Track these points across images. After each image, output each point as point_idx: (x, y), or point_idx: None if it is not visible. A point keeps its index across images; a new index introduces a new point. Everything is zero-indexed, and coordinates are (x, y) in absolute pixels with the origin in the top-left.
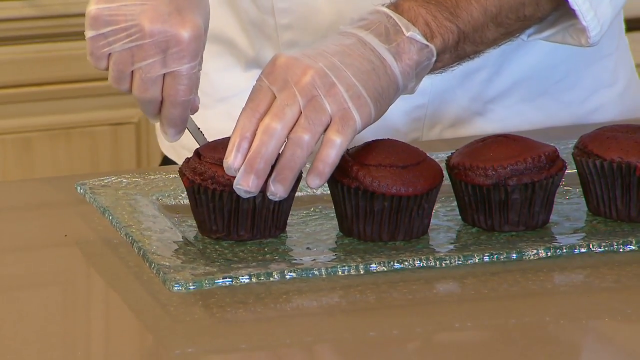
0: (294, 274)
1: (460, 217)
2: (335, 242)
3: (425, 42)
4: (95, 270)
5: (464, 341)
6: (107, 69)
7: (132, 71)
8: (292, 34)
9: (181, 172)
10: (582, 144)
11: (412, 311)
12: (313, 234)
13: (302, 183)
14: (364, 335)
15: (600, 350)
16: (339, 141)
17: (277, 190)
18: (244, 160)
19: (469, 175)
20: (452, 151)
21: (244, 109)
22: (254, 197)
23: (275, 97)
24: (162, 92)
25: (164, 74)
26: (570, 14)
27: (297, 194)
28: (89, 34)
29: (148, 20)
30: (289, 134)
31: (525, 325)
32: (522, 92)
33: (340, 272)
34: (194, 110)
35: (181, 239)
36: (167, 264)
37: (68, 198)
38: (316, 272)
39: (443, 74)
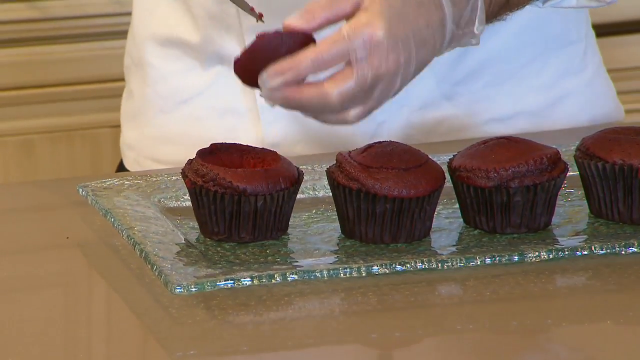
0: (295, 276)
1: (462, 219)
2: (337, 244)
3: (477, 38)
4: (96, 273)
5: (466, 343)
6: None
7: None
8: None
9: (183, 174)
10: (584, 146)
11: (413, 313)
12: (315, 235)
13: (303, 185)
14: (365, 338)
15: (603, 353)
16: (331, 91)
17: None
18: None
19: (470, 177)
20: (454, 153)
21: (314, 49)
22: (255, 199)
23: (349, 57)
24: None
25: None
26: None
27: (299, 196)
28: None
29: None
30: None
31: (526, 328)
32: (489, 75)
33: (342, 274)
34: None
35: (183, 241)
36: (169, 266)
37: (70, 200)
38: (318, 274)
39: None
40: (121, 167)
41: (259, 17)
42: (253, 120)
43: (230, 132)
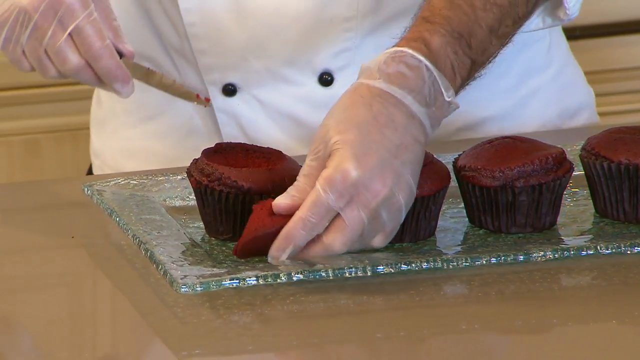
0: (301, 276)
1: (467, 218)
2: None
3: (455, 101)
4: (102, 272)
5: (471, 343)
6: (31, 68)
7: (47, 53)
8: (209, 59)
9: (189, 173)
10: (589, 145)
11: (419, 313)
12: None
13: None
14: (371, 337)
15: (608, 353)
16: (379, 245)
17: (280, 255)
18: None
19: (476, 177)
20: (459, 153)
21: (300, 218)
22: (261, 198)
23: (338, 213)
24: (81, 55)
25: (71, 37)
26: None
27: None
28: None
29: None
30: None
31: (532, 327)
32: None
33: (347, 274)
34: (130, 54)
35: (188, 241)
36: (174, 265)
37: (75, 199)
38: (323, 274)
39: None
40: (90, 172)
41: (206, 102)
42: (215, 140)
43: (193, 152)
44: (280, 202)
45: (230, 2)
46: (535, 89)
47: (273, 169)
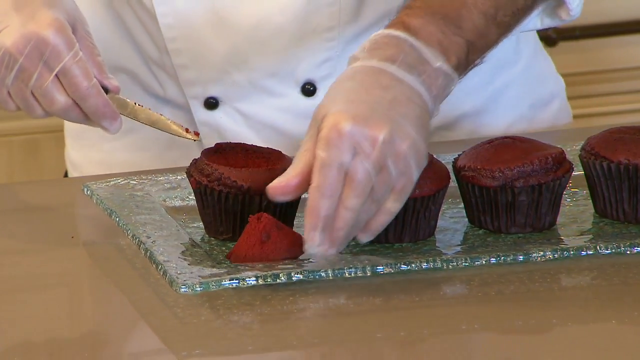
0: (300, 276)
1: (467, 218)
2: None
3: (450, 71)
4: (101, 272)
5: (471, 343)
6: (17, 108)
7: (33, 94)
8: (190, 73)
9: (188, 174)
10: (589, 145)
11: (418, 313)
12: None
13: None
14: (370, 337)
15: (608, 353)
16: (395, 210)
17: (320, 247)
18: (321, 233)
19: (475, 177)
20: (459, 153)
21: (315, 187)
22: (260, 199)
23: (345, 171)
24: (69, 95)
25: (58, 78)
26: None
27: (303, 195)
28: None
29: (8, 39)
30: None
31: (531, 327)
32: None
33: (347, 274)
34: (115, 89)
35: (188, 241)
36: (174, 265)
37: (75, 200)
38: (323, 274)
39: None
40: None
41: (196, 136)
42: (196, 153)
43: (175, 164)
44: (274, 184)
45: (211, 17)
46: (506, 83)
47: (273, 169)
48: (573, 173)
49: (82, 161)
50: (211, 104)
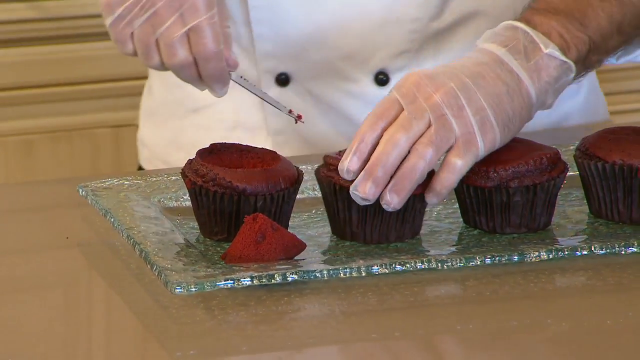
0: (295, 276)
1: (461, 219)
2: (337, 244)
3: (564, 58)
4: (96, 273)
5: (466, 343)
6: (134, 52)
7: (157, 42)
8: (267, 45)
9: (183, 174)
10: (583, 146)
11: (413, 313)
12: (315, 236)
13: (303, 185)
14: (365, 337)
15: (602, 352)
16: (460, 165)
17: (392, 200)
18: (361, 165)
19: (470, 177)
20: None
21: (368, 116)
22: (255, 199)
23: (403, 109)
24: (191, 53)
25: (188, 34)
26: None
27: (299, 196)
28: (107, 21)
29: None
30: (412, 146)
31: (526, 328)
32: None
33: (342, 274)
34: (233, 65)
35: (183, 241)
36: (169, 266)
37: (70, 200)
38: (318, 274)
39: None
40: (140, 167)
41: (298, 118)
42: (262, 137)
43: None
44: (350, 164)
45: None
46: (567, 114)
47: (267, 170)
48: (568, 173)
49: (153, 139)
50: (282, 80)
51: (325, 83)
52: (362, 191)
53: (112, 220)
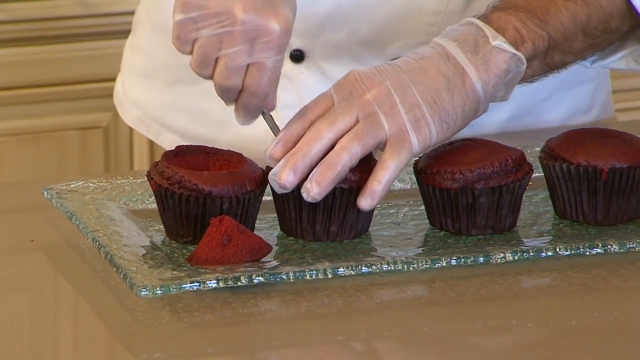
0: (261, 278)
1: (427, 220)
2: (303, 246)
3: (512, 50)
4: (62, 276)
5: (432, 344)
6: (190, 53)
7: (217, 57)
8: None
9: (149, 176)
10: (548, 147)
11: (380, 315)
12: (281, 237)
13: (268, 188)
14: (332, 339)
15: (567, 353)
16: (394, 164)
17: (312, 189)
18: (284, 153)
19: (436, 178)
20: (420, 155)
21: (300, 109)
22: (221, 202)
23: (334, 105)
24: (243, 81)
25: (248, 64)
26: (636, 38)
27: (265, 198)
28: (177, 17)
29: (241, 8)
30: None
31: (492, 329)
32: (510, 108)
33: (308, 277)
34: (271, 107)
35: (148, 244)
36: (134, 268)
37: (35, 203)
38: (284, 276)
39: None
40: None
41: None
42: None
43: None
44: (272, 150)
45: None
46: (573, 111)
47: (233, 172)
48: (533, 175)
49: (147, 99)
50: (296, 56)
51: (339, 65)
52: (280, 178)
53: (77, 222)
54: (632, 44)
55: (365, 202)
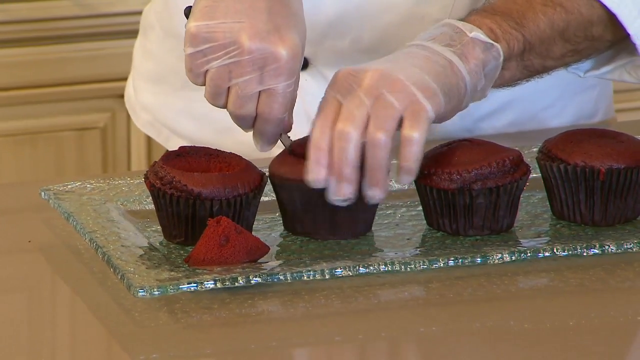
0: (259, 279)
1: (425, 221)
2: (301, 247)
3: (489, 40)
4: (59, 276)
5: (429, 345)
6: (204, 84)
7: (229, 87)
8: None
9: (146, 176)
10: (546, 148)
11: (377, 316)
12: (279, 238)
13: (268, 187)
14: (329, 340)
15: (565, 354)
16: (416, 136)
17: (374, 194)
18: (327, 171)
19: (433, 179)
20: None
21: (314, 121)
22: (211, 204)
23: (342, 104)
24: (256, 108)
25: (260, 91)
26: (628, 50)
27: (263, 198)
28: (188, 50)
29: (247, 37)
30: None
31: (489, 329)
32: (512, 114)
33: (305, 277)
34: (287, 128)
35: (146, 244)
36: (132, 269)
37: (32, 204)
38: (281, 277)
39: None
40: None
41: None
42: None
43: None
44: (313, 176)
45: None
46: (579, 115)
47: (226, 174)
48: (530, 175)
49: (158, 104)
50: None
51: None
52: (341, 194)
53: (74, 223)
54: (625, 56)
55: (404, 179)
